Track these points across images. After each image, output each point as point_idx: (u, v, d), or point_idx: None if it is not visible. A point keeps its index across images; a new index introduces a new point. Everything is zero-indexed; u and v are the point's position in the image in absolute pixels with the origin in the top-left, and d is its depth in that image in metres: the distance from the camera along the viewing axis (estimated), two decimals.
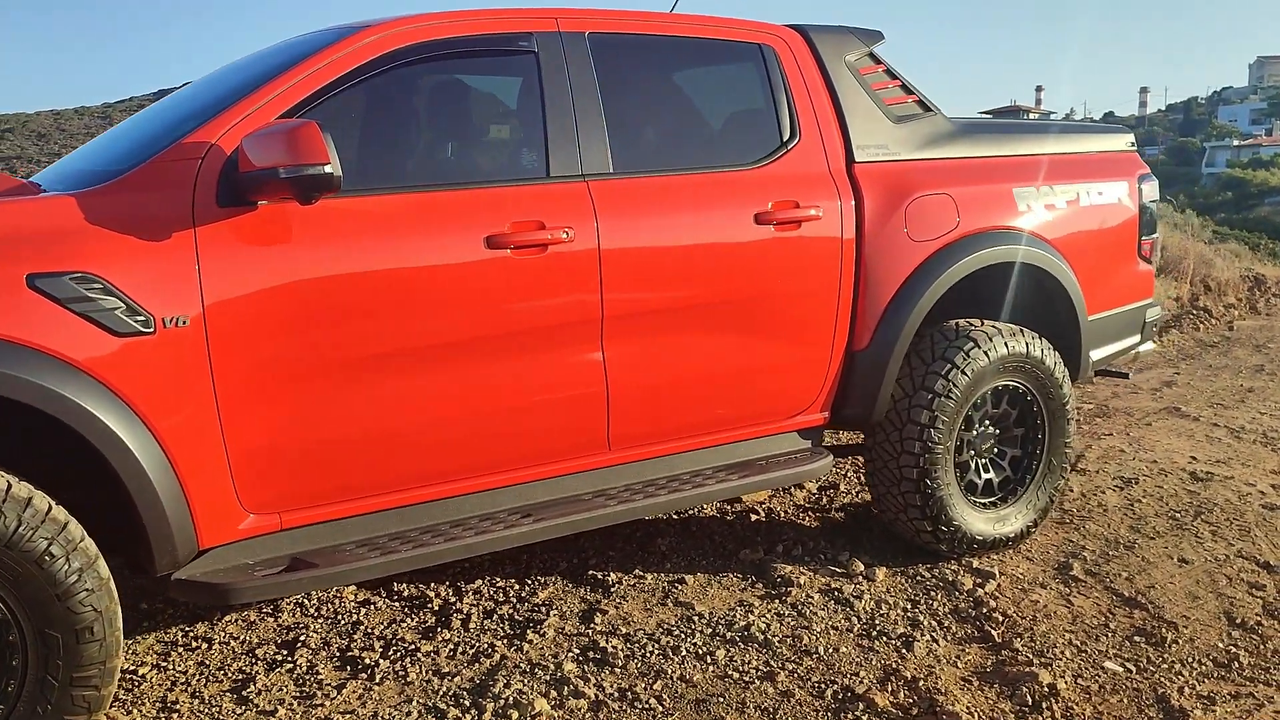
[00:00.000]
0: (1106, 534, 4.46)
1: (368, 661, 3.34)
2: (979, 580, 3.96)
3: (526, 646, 3.42)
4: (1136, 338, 4.78)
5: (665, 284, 3.41)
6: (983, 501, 4.17)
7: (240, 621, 3.67)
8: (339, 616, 3.71)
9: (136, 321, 2.56)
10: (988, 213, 4.06)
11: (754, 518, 4.69)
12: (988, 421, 4.17)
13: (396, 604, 3.81)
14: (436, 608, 3.75)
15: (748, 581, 3.97)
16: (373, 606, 3.79)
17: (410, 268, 2.96)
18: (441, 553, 3.05)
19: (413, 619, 3.67)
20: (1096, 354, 4.56)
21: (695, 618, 3.63)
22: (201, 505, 2.73)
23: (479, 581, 3.97)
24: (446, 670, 3.28)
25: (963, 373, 3.92)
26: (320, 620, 3.68)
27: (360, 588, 3.94)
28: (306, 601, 3.82)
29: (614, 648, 3.41)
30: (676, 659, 3.35)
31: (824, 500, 4.94)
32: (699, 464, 3.68)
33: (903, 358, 3.90)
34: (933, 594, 3.85)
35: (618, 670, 3.28)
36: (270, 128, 2.66)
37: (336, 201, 2.89)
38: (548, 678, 3.22)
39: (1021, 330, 4.11)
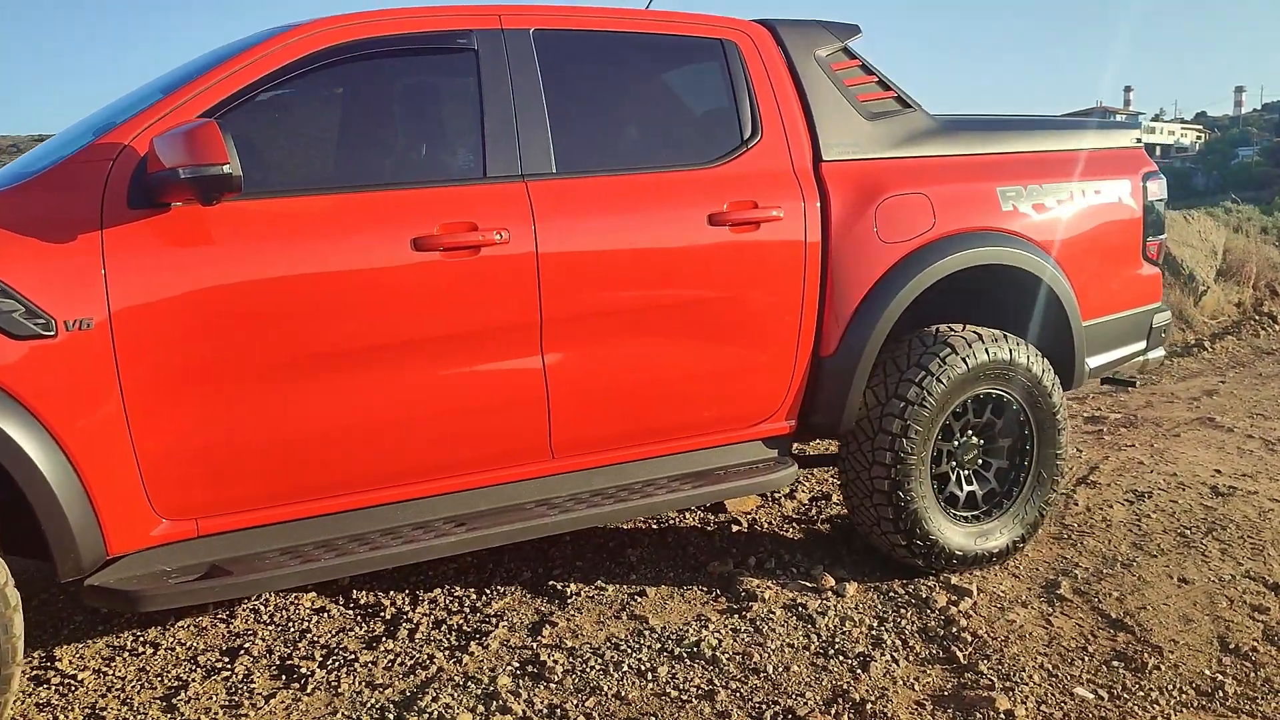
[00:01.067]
0: (1105, 551, 4.23)
1: (304, 671, 3.29)
2: (954, 598, 3.77)
3: (467, 659, 3.34)
4: (1142, 344, 4.53)
5: (610, 288, 3.30)
6: (964, 515, 3.98)
7: (191, 627, 3.65)
8: (290, 624, 3.66)
9: (35, 324, 2.54)
10: (967, 213, 3.88)
11: (735, 528, 4.55)
12: (970, 431, 3.98)
13: (351, 612, 3.75)
14: (388, 616, 3.69)
15: (711, 595, 3.84)
16: (326, 614, 3.74)
17: (332, 271, 2.91)
18: (364, 561, 2.98)
19: (362, 628, 3.61)
20: (1095, 361, 4.34)
21: (647, 632, 3.51)
22: (109, 511, 2.70)
23: (437, 590, 3.90)
24: (380, 682, 3.21)
25: (938, 380, 3.75)
26: (270, 627, 3.64)
27: (319, 594, 3.90)
28: (262, 607, 3.79)
29: (555, 662, 3.31)
30: (616, 675, 3.23)
31: (814, 511, 4.78)
32: (653, 473, 3.56)
33: (871, 364, 3.73)
34: (902, 611, 3.68)
35: (553, 686, 3.17)
36: (175, 128, 2.61)
37: (255, 203, 2.85)
38: (479, 692, 3.13)
39: (1005, 336, 3.92)
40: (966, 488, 4.01)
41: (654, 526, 4.57)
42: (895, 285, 3.71)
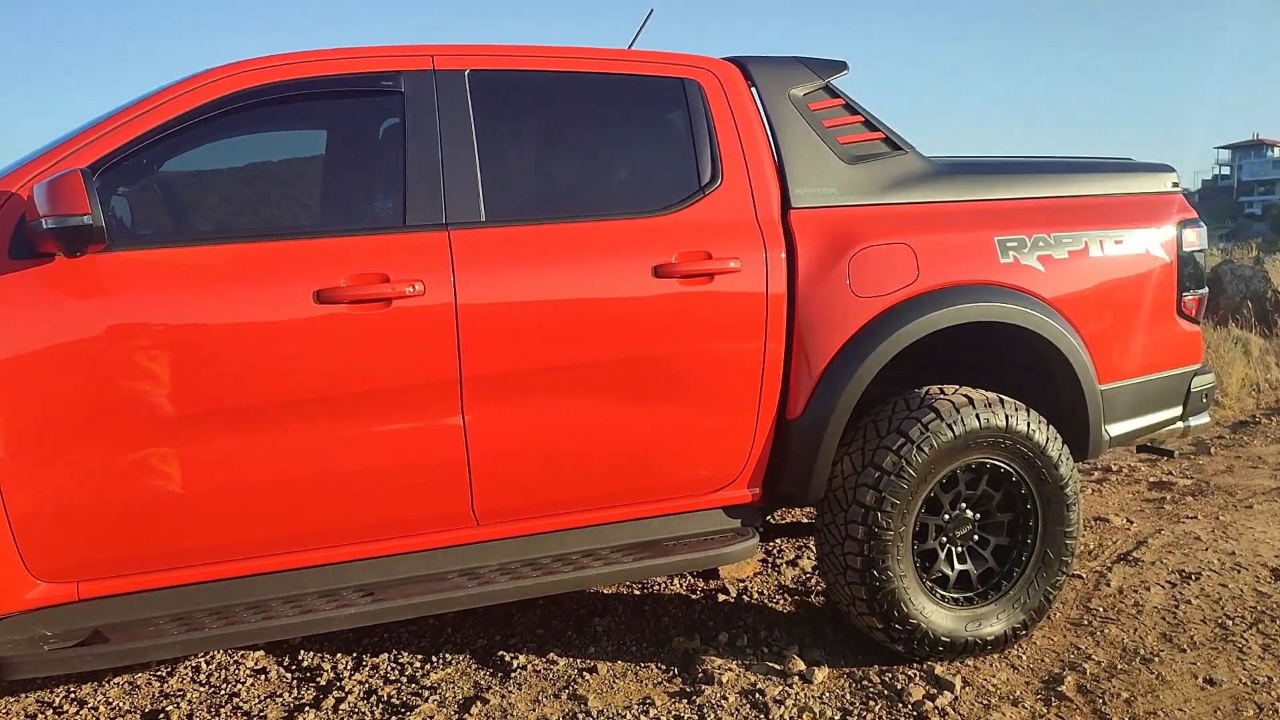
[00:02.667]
0: (1127, 642, 3.78)
1: None
2: (933, 690, 3.39)
3: None
4: (1177, 410, 4.07)
5: (539, 344, 3.08)
6: (955, 597, 3.60)
7: (124, 684, 3.54)
8: (224, 685, 3.53)
9: None
10: (957, 265, 3.54)
11: (722, 598, 4.25)
12: (963, 504, 3.60)
13: (289, 675, 3.60)
14: (323, 682, 3.52)
15: (667, 674, 3.55)
16: (264, 676, 3.59)
17: (222, 324, 2.77)
18: (255, 632, 2.82)
19: (292, 693, 3.45)
20: (1118, 429, 3.90)
21: (582, 715, 3.25)
22: None
23: (384, 654, 3.71)
24: None
25: (919, 448, 3.40)
26: (203, 689, 3.51)
27: (267, 653, 3.76)
28: (204, 665, 3.67)
29: None
30: None
31: (814, 580, 4.44)
32: (596, 542, 3.31)
33: (841, 428, 3.41)
34: (871, 704, 3.32)
35: None
36: (47, 177, 2.52)
37: (148, 253, 2.75)
38: None
39: (1002, 400, 3.55)
40: (958, 566, 3.63)
41: (635, 592, 4.31)
42: (869, 344, 3.39)
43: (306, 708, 3.34)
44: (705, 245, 3.26)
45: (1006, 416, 3.51)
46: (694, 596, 4.27)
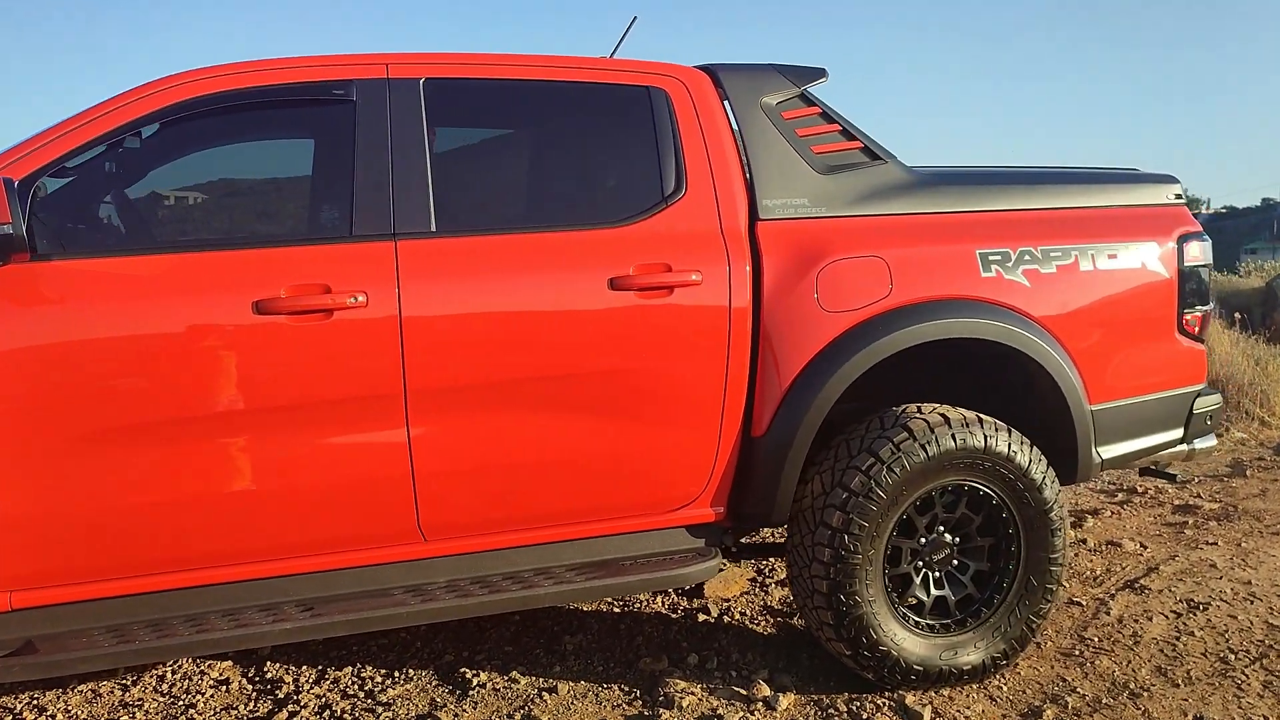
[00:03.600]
0: (1118, 674, 3.60)
1: None
2: None
3: None
4: (1178, 432, 3.88)
5: (488, 357, 3.02)
6: (931, 624, 3.45)
7: (88, 693, 3.55)
8: (185, 696, 3.51)
9: None
10: (934, 279, 3.40)
11: (701, 618, 4.15)
12: (941, 527, 3.46)
13: (251, 687, 3.57)
14: (282, 695, 3.49)
15: (628, 697, 3.46)
16: (225, 687, 3.57)
17: (157, 334, 2.75)
18: (187, 645, 2.79)
19: (249, 706, 3.42)
20: (1111, 451, 3.72)
21: None
22: None
23: (347, 670, 3.67)
24: None
25: (889, 469, 3.27)
26: (163, 699, 3.50)
27: (235, 663, 3.75)
28: (170, 674, 3.66)
29: None
30: None
31: None
32: (549, 560, 3.23)
33: (806, 447, 3.30)
34: None
35: None
36: None
37: (88, 262, 2.75)
38: None
39: (980, 420, 3.40)
40: (935, 592, 3.49)
41: (615, 610, 4.22)
42: (836, 360, 3.27)
43: None
44: (665, 257, 3.17)
45: (985, 437, 3.37)
46: (673, 616, 4.18)
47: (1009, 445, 3.40)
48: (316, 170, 3.29)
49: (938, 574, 3.49)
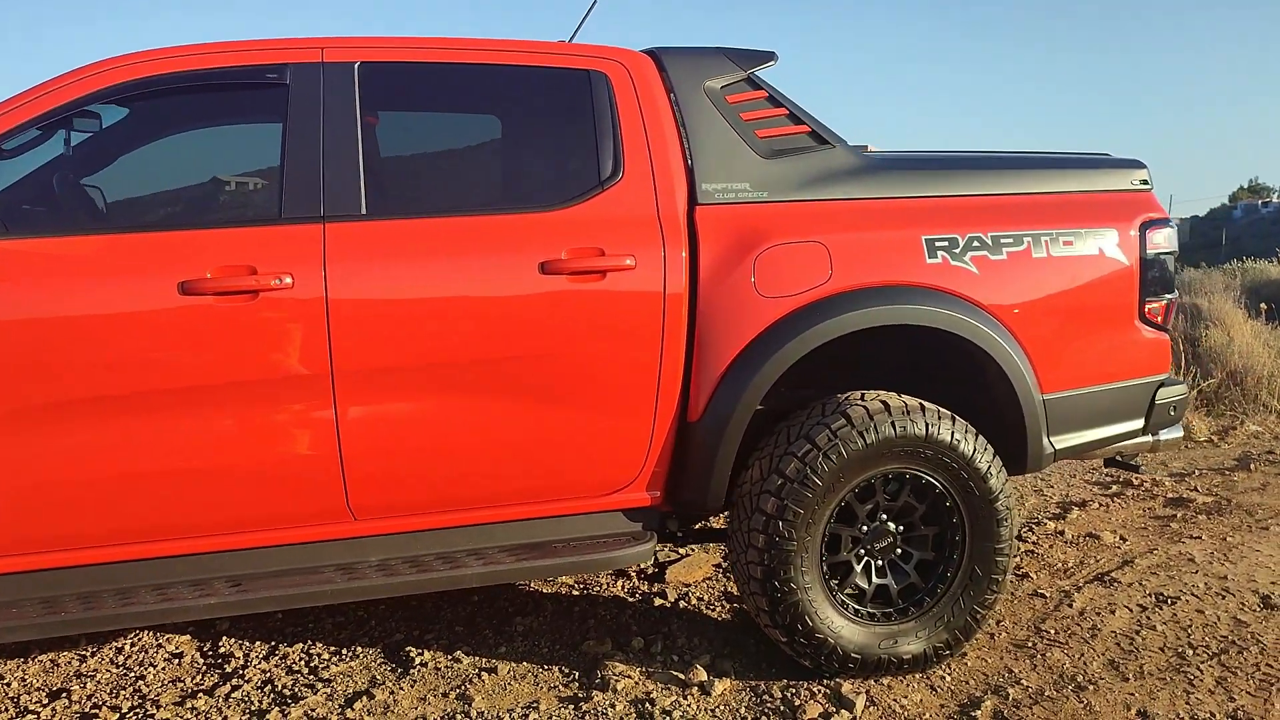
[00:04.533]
0: (1068, 667, 3.55)
1: (98, 719, 3.20)
2: (830, 709, 3.24)
3: None
4: (1138, 422, 3.80)
5: (416, 340, 3.04)
6: (872, 612, 3.43)
7: (47, 662, 3.64)
8: (137, 667, 3.59)
9: None
10: (876, 265, 3.37)
11: (658, 602, 4.16)
12: (883, 516, 3.44)
13: (203, 660, 3.65)
14: (229, 669, 3.56)
15: (567, 679, 3.48)
16: (178, 660, 3.65)
17: (81, 315, 2.81)
18: (114, 617, 2.86)
19: (193, 679, 3.50)
20: (1067, 441, 3.66)
21: (460, 715, 3.21)
22: None
23: (298, 646, 3.74)
24: None
25: (826, 456, 3.25)
26: (115, 670, 3.58)
27: (193, 636, 3.83)
28: (128, 646, 3.75)
29: None
30: None
31: None
32: (483, 541, 3.26)
33: (741, 433, 3.29)
34: None
35: None
36: None
37: (14, 243, 2.80)
38: None
39: (923, 408, 3.37)
40: (878, 580, 3.46)
41: (573, 592, 4.25)
42: (772, 346, 3.25)
43: (200, 694, 3.37)
44: (599, 242, 3.17)
45: (927, 425, 3.33)
46: (630, 599, 4.19)
47: (952, 434, 3.36)
48: (250, 154, 3.33)
49: (880, 562, 3.47)
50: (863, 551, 3.44)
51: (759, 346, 3.26)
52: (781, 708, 3.26)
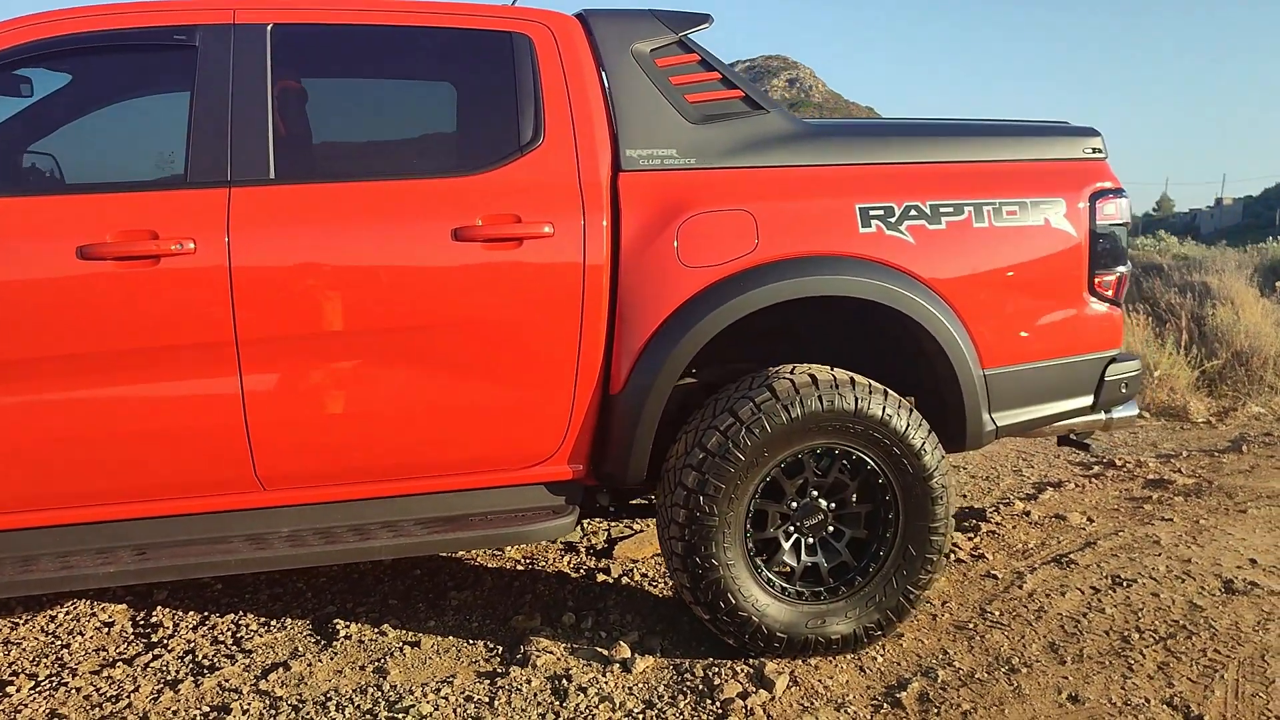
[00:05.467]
0: (1006, 649, 3.46)
1: (12, 689, 3.19)
2: (750, 689, 3.17)
3: (166, 697, 3.13)
4: (1086, 399, 3.68)
5: (323, 307, 2.98)
6: (800, 590, 3.36)
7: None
8: (68, 634, 3.59)
9: None
10: (804, 234, 3.27)
11: (600, 578, 4.11)
12: (814, 492, 3.35)
13: (132, 629, 3.64)
14: (156, 639, 3.55)
15: (490, 653, 3.44)
16: (109, 629, 3.64)
17: None
18: (10, 585, 2.83)
19: (117, 647, 3.49)
20: (1008, 417, 3.56)
21: (372, 689, 3.17)
22: None
23: (229, 616, 3.72)
24: (60, 713, 3.05)
25: (749, 430, 3.17)
26: (44, 638, 3.59)
27: (130, 606, 3.82)
28: (65, 615, 3.75)
29: (246, 708, 3.03)
30: None
31: None
32: (399, 513, 3.21)
33: (661, 405, 3.21)
34: (678, 699, 3.13)
35: None
36: None
37: None
38: None
39: (853, 381, 3.28)
40: (808, 558, 3.38)
41: (517, 568, 4.20)
42: (693, 317, 3.17)
43: (120, 663, 3.36)
44: (515, 208, 3.10)
45: (856, 399, 3.24)
46: (574, 575, 4.14)
47: (883, 409, 3.26)
48: (154, 118, 3.28)
49: (811, 540, 3.39)
50: (792, 528, 3.36)
51: (680, 318, 3.18)
52: (701, 686, 3.20)
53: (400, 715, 2.99)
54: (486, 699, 3.11)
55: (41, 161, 3.20)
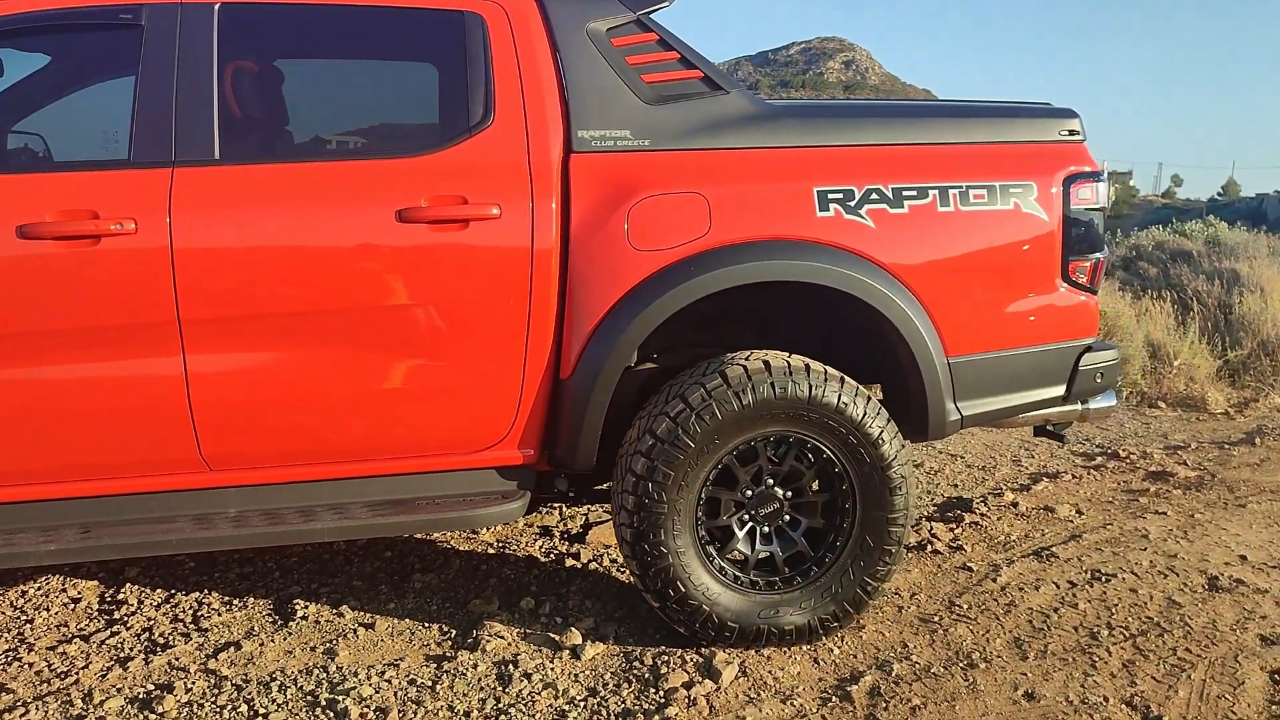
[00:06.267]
0: (968, 644, 3.39)
1: None
2: (696, 678, 3.14)
3: (114, 674, 3.16)
4: (1058, 389, 3.58)
5: (267, 288, 2.97)
6: (753, 580, 3.31)
7: None
8: (35, 610, 3.64)
9: None
10: (759, 218, 3.20)
11: (569, 562, 4.09)
12: (770, 480, 3.30)
13: (97, 605, 3.68)
14: (118, 615, 3.59)
15: (443, 637, 3.43)
16: (75, 605, 3.68)
17: None
18: None
19: (79, 624, 3.53)
20: (974, 406, 3.47)
21: (318, 670, 3.17)
22: None
23: (193, 595, 3.75)
24: (10, 687, 3.09)
25: (700, 416, 3.12)
26: (11, 612, 3.64)
27: (100, 583, 3.87)
28: (35, 591, 3.80)
29: (190, 689, 3.05)
30: (229, 716, 2.93)
31: None
32: (349, 495, 3.20)
33: (610, 390, 3.17)
34: (622, 687, 3.10)
35: (138, 717, 2.92)
36: None
37: None
38: (73, 714, 2.93)
39: (808, 368, 3.21)
40: (763, 547, 3.33)
41: (488, 551, 4.19)
42: (641, 301, 3.12)
43: (77, 639, 3.40)
44: (461, 190, 3.06)
45: (811, 386, 3.18)
46: (544, 559, 4.12)
47: (839, 396, 3.20)
48: (100, 97, 3.28)
49: (767, 528, 3.33)
50: (747, 516, 3.31)
51: (630, 303, 3.13)
52: (647, 675, 3.16)
53: (340, 697, 2.99)
54: (429, 683, 3.10)
55: None
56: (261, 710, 2.94)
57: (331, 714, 2.92)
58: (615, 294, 3.14)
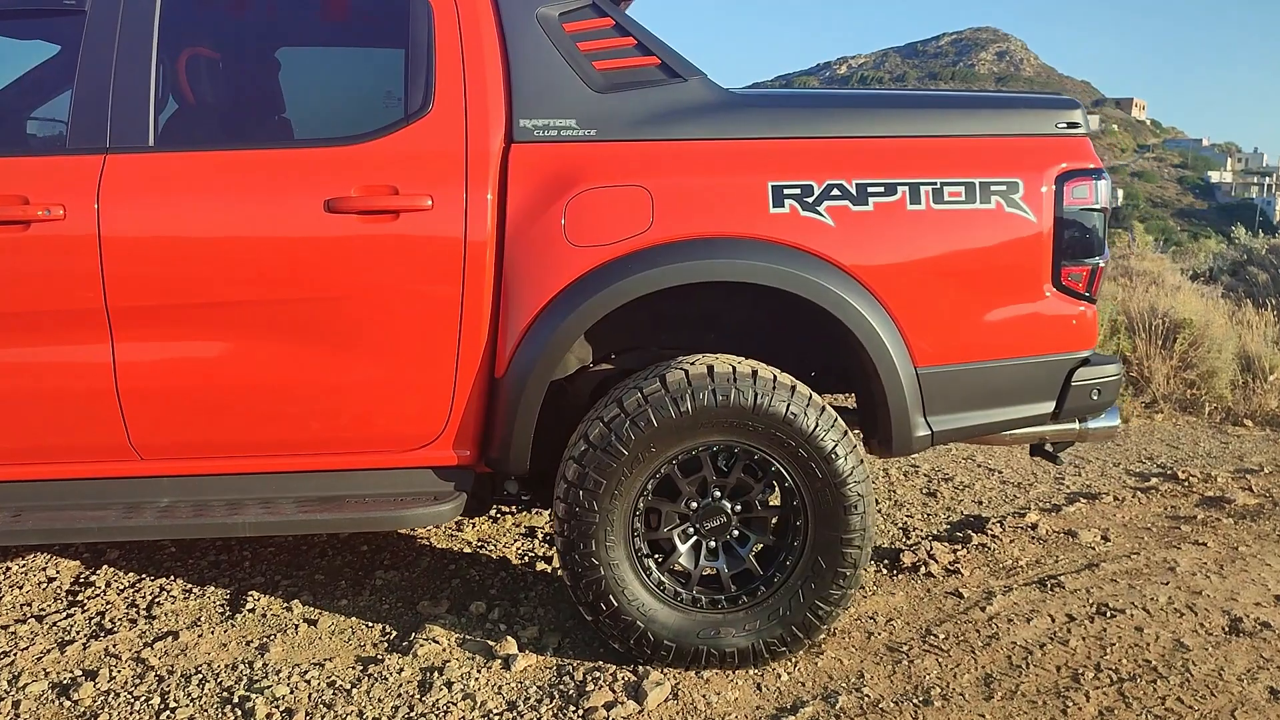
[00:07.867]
0: (931, 678, 3.14)
1: None
2: (619, 699, 2.98)
3: (50, 657, 3.18)
4: (1047, 405, 3.27)
5: (194, 278, 2.94)
6: (694, 597, 3.13)
7: None
8: (11, 586, 3.72)
9: None
10: (705, 214, 3.01)
11: (540, 567, 3.97)
12: (717, 493, 3.11)
13: (67, 587, 3.73)
14: (81, 598, 3.64)
15: (382, 639, 3.35)
16: (47, 586, 3.75)
17: None
18: None
19: (40, 604, 3.59)
20: (947, 422, 3.20)
21: (244, 665, 3.14)
22: None
23: (160, 580, 3.77)
24: None
25: (634, 423, 2.96)
26: None
27: (82, 563, 3.93)
28: (16, 568, 3.88)
29: (114, 678, 3.06)
30: (140, 707, 2.91)
31: None
32: (280, 490, 3.15)
33: (541, 392, 3.03)
34: (540, 705, 2.96)
35: (65, 706, 2.92)
36: None
37: None
38: None
39: (754, 375, 3.01)
40: (708, 563, 3.15)
41: (464, 550, 4.10)
42: (575, 300, 2.97)
43: (31, 619, 3.45)
44: (393, 180, 2.97)
45: (757, 395, 2.98)
46: (515, 562, 4.01)
47: (787, 406, 2.99)
48: (37, 83, 3.30)
49: (713, 543, 3.15)
50: (692, 530, 3.13)
51: (563, 301, 2.99)
52: (571, 692, 3.02)
53: (253, 695, 2.94)
54: (349, 686, 3.03)
55: None
56: (173, 704, 2.91)
57: (239, 712, 2.87)
58: (549, 291, 3.00)
